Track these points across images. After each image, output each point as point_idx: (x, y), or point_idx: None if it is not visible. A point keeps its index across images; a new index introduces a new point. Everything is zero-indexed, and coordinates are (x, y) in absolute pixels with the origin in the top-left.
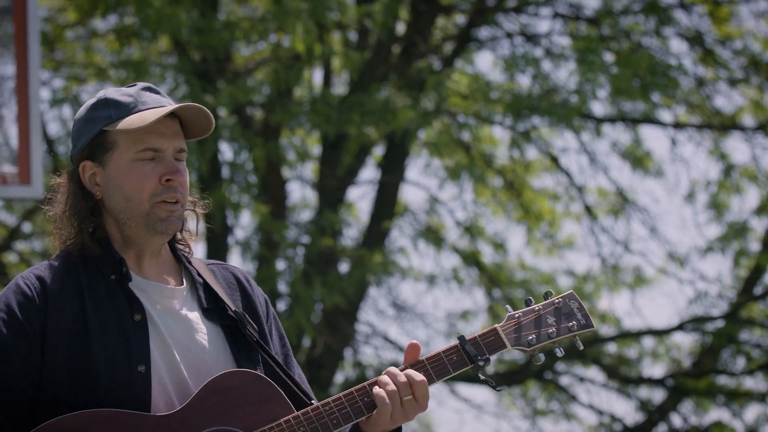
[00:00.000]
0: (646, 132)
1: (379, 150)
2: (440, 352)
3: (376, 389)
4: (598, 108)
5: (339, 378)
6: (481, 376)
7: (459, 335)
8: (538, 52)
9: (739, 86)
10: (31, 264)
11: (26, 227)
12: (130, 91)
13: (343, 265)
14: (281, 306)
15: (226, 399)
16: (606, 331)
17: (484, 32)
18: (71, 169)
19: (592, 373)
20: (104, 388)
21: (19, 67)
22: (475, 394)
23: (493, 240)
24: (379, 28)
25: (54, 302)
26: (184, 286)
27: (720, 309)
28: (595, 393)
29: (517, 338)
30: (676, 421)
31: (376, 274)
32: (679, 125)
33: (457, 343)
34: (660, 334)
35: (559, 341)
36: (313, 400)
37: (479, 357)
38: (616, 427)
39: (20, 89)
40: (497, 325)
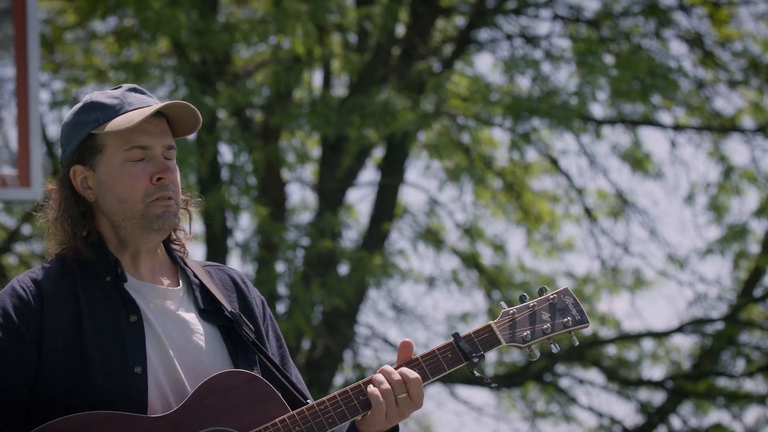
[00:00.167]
0: (646, 134)
1: (378, 152)
2: (435, 350)
3: (371, 388)
4: (598, 110)
5: (338, 380)
6: (476, 373)
7: (453, 332)
8: (538, 54)
9: (738, 88)
10: (30, 266)
11: (26, 229)
12: (116, 93)
13: (343, 267)
14: (281, 308)
15: (222, 399)
16: (606, 333)
17: (483, 34)
18: (62, 174)
19: (591, 375)
20: (100, 389)
21: (19, 69)
22: (474, 396)
23: (492, 242)
24: (378, 30)
25: (50, 304)
26: (180, 287)
27: (720, 311)
28: (594, 395)
29: (511, 335)
30: (676, 424)
31: (376, 276)
32: (678, 127)
33: (452, 340)
34: (660, 336)
35: (554, 337)
36: (309, 400)
37: (474, 354)
38: (616, 430)
39: (20, 91)
40: (492, 322)
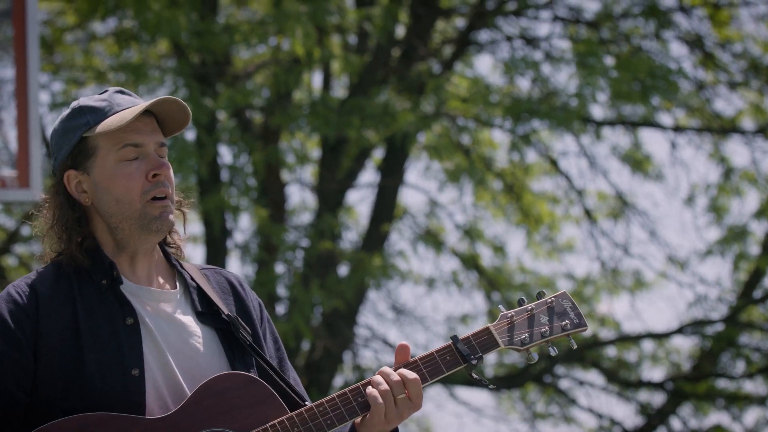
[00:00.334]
0: (646, 135)
1: (378, 153)
2: (433, 352)
3: (369, 389)
4: (598, 111)
5: (338, 381)
6: (475, 375)
7: (452, 335)
8: (538, 55)
9: (738, 89)
10: (30, 267)
11: (25, 230)
12: (104, 96)
13: (343, 269)
14: (280, 309)
15: (220, 401)
16: (606, 335)
17: (483, 35)
18: (56, 181)
19: (591, 377)
20: (98, 392)
21: (19, 71)
22: (474, 397)
23: (492, 243)
24: (378, 31)
25: (45, 309)
26: (178, 290)
27: (720, 312)
28: (594, 396)
29: (510, 337)
30: (676, 425)
31: (376, 277)
32: (678, 128)
33: (450, 343)
34: (660, 337)
35: (553, 340)
36: (307, 402)
37: (472, 356)
38: (616, 431)
39: (19, 92)
40: (490, 325)
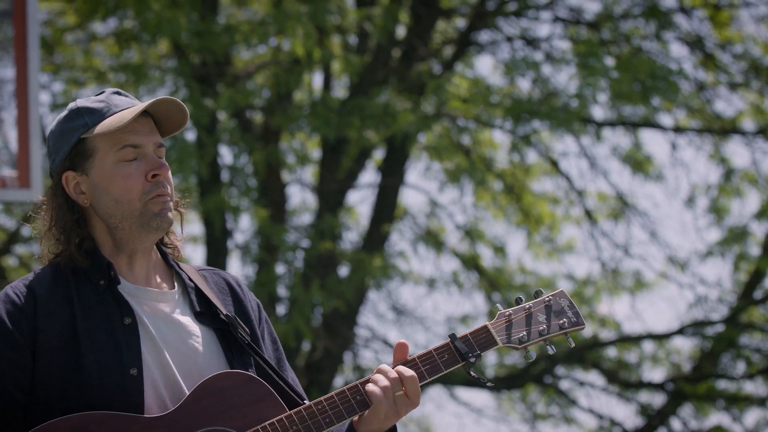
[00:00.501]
0: (647, 136)
1: (379, 153)
2: (431, 350)
3: (369, 386)
4: (599, 112)
5: (338, 381)
6: (473, 373)
7: (450, 333)
8: (539, 56)
9: (739, 90)
10: (30, 267)
11: (26, 231)
12: (101, 97)
13: (343, 269)
14: (281, 309)
15: (219, 400)
16: (606, 335)
17: (484, 36)
18: (54, 183)
19: (592, 377)
20: (96, 391)
21: (19, 71)
22: (474, 397)
23: (493, 243)
24: (379, 31)
25: (43, 309)
26: (176, 290)
27: (720, 313)
28: (595, 397)
29: (507, 336)
30: (676, 426)
31: (376, 277)
32: (679, 129)
33: (448, 341)
34: (660, 338)
35: (550, 338)
36: (306, 401)
37: (470, 354)
38: None
39: (20, 92)
40: (488, 323)
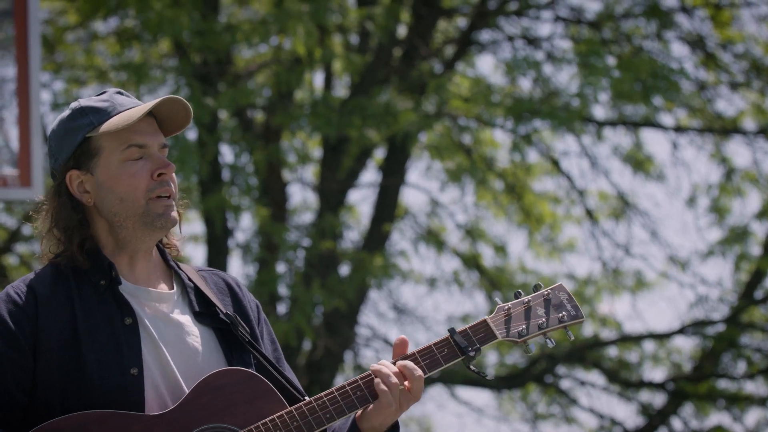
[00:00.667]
0: (647, 135)
1: (380, 153)
2: (431, 345)
3: (377, 380)
4: (600, 111)
5: (339, 381)
6: (473, 367)
7: (449, 328)
8: (540, 55)
9: (740, 90)
10: (31, 266)
11: (26, 229)
12: (104, 97)
13: (344, 268)
14: (281, 309)
15: (220, 397)
16: (607, 335)
17: (485, 35)
18: (57, 182)
19: (592, 377)
20: (97, 391)
21: (20, 70)
22: (475, 397)
23: (493, 243)
24: (380, 31)
25: (44, 309)
26: (175, 291)
27: (721, 313)
28: (595, 397)
29: (507, 329)
30: (677, 425)
31: (377, 276)
32: (680, 129)
33: (448, 335)
34: (661, 337)
35: (550, 332)
36: (306, 397)
37: (470, 348)
38: (617, 431)
39: (21, 91)
40: (487, 317)
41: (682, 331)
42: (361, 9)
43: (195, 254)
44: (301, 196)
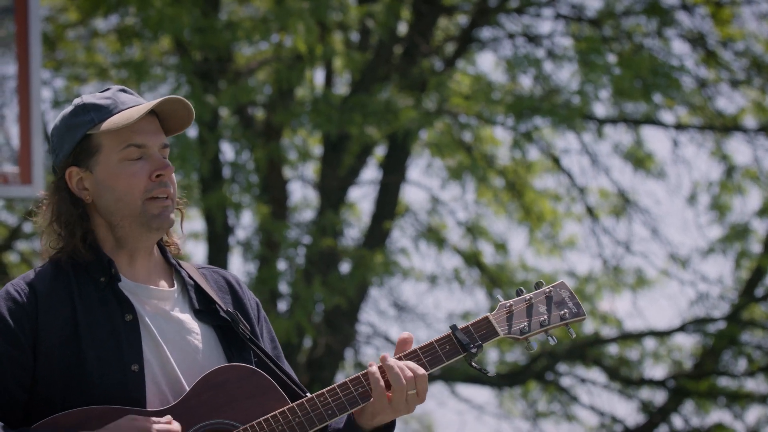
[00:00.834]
0: (648, 133)
1: (380, 150)
2: (433, 342)
3: (393, 370)
4: (600, 109)
5: (340, 378)
6: (474, 364)
7: (451, 325)
8: (540, 53)
9: (741, 88)
10: (31, 263)
11: (27, 227)
12: (107, 94)
13: (344, 266)
14: (282, 306)
15: (221, 393)
16: (607, 333)
17: (486, 33)
18: (57, 178)
19: (593, 375)
20: (98, 388)
21: (21, 67)
22: (476, 394)
23: (494, 240)
24: (380, 28)
25: (44, 306)
26: (175, 288)
27: (721, 310)
28: (596, 394)
29: (509, 326)
30: (678, 423)
31: (378, 274)
32: (680, 126)
33: (449, 332)
34: (661, 335)
35: (551, 329)
36: (307, 393)
37: (471, 345)
38: (617, 429)
39: (21, 89)
40: (489, 314)
41: (682, 328)
42: (362, 6)
43: (195, 251)
44: (302, 194)
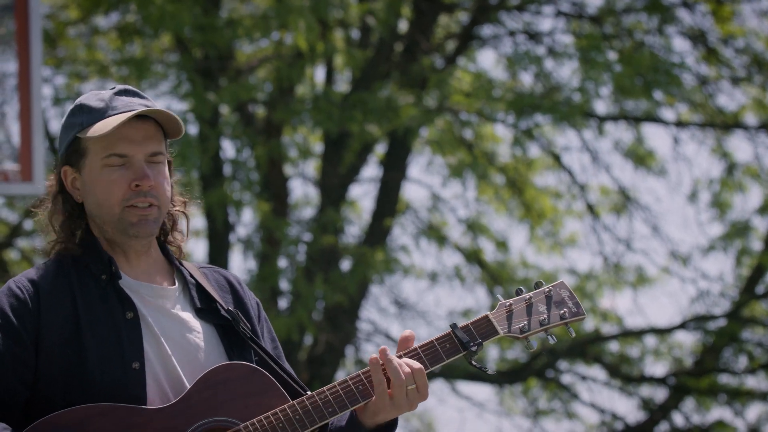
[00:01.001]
0: (649, 130)
1: (381, 148)
2: (433, 340)
3: (393, 365)
4: (601, 106)
5: (340, 376)
6: (474, 362)
7: (451, 323)
8: (541, 50)
9: (741, 85)
10: (32, 261)
11: (28, 224)
12: (104, 96)
13: (345, 263)
14: (283, 303)
15: (222, 391)
16: (608, 330)
17: (486, 30)
18: (56, 174)
19: (594, 372)
20: (99, 385)
21: (21, 65)
22: (476, 392)
23: (495, 238)
24: (381, 25)
25: (46, 303)
26: (176, 287)
27: (722, 308)
28: (597, 391)
29: (508, 325)
30: (678, 420)
31: (378, 271)
32: (681, 124)
33: (450, 331)
34: (662, 332)
35: (551, 328)
36: (308, 392)
37: (471, 343)
38: (618, 426)
39: (22, 86)
40: (489, 313)
41: (683, 325)
42: (363, 4)
43: (196, 249)
44: (303, 191)
